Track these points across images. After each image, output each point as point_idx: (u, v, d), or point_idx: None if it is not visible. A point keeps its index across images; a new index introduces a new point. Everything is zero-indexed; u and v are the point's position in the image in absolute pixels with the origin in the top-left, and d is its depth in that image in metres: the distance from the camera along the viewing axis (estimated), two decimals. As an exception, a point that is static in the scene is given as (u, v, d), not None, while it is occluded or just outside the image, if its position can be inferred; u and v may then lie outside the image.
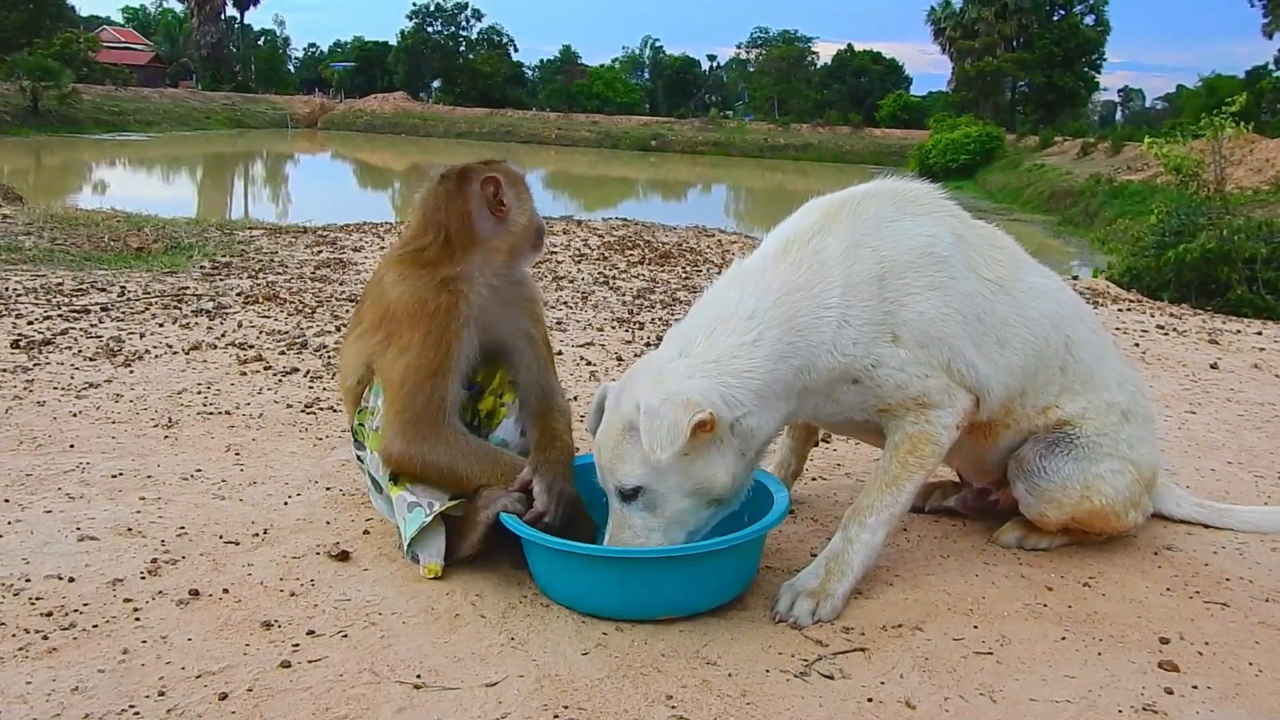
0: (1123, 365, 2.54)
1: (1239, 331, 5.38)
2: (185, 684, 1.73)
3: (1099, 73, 57.20)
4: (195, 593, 2.04)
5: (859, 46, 70.24)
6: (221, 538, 2.31)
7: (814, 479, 2.86)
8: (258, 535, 2.33)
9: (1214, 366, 4.46)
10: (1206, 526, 2.61)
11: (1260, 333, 5.38)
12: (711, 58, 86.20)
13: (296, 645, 1.88)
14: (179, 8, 68.98)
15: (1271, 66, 47.77)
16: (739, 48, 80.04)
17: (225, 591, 2.06)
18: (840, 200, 2.25)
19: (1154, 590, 2.27)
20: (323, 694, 1.72)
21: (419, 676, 1.79)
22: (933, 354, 2.14)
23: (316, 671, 1.79)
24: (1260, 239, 9.07)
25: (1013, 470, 2.39)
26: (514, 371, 2.38)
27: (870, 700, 1.79)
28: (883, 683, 1.85)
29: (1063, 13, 54.33)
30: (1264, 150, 22.49)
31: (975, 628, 2.06)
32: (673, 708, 1.73)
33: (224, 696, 1.70)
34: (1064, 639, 2.03)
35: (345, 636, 1.92)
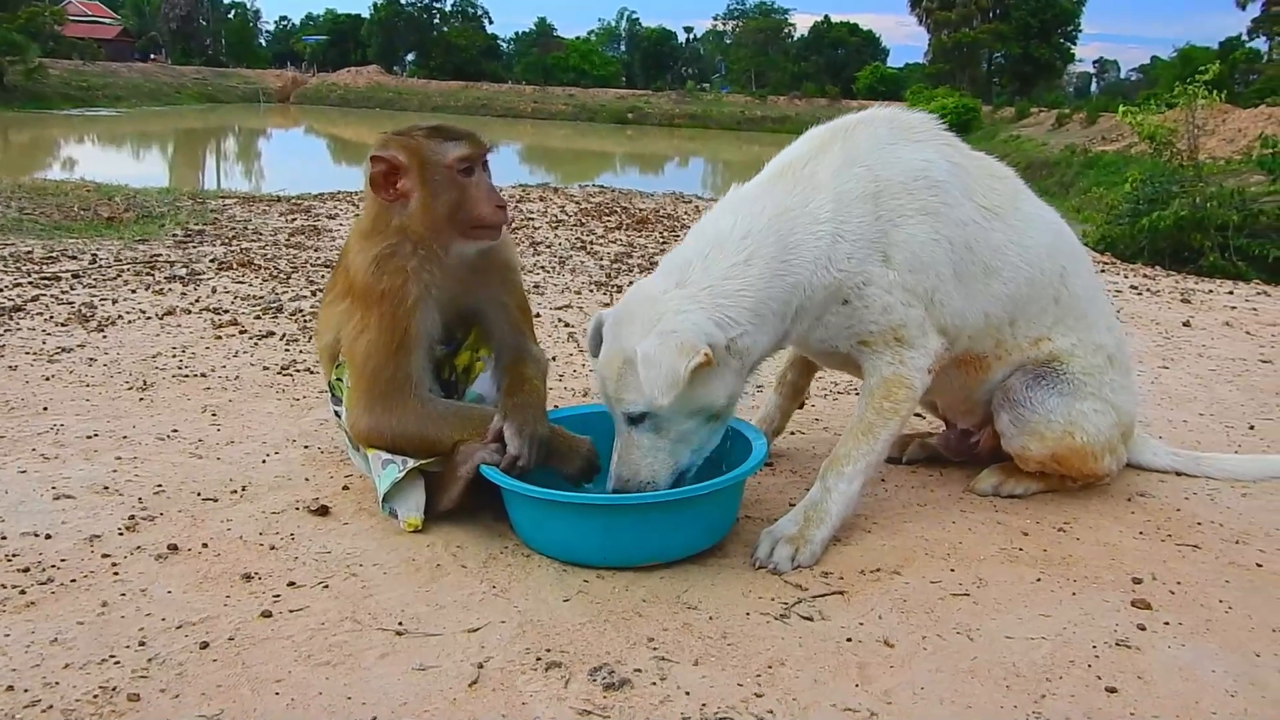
0: (1111, 311, 2.57)
1: (1211, 291, 5.44)
2: (166, 634, 1.73)
3: (1074, 44, 57.47)
4: (174, 547, 2.03)
5: (836, 18, 70.20)
6: (199, 495, 2.30)
7: (793, 433, 2.87)
8: (236, 492, 2.32)
9: (1186, 324, 4.51)
10: (1179, 474, 2.65)
11: (1231, 292, 5.44)
12: (688, 30, 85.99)
13: (277, 596, 1.88)
14: (146, -20, 67.89)
15: (1244, 37, 48.07)
16: (716, 20, 79.72)
17: (204, 546, 2.05)
18: (836, 125, 2.29)
19: (1127, 534, 2.30)
20: (304, 641, 1.72)
21: (401, 624, 1.80)
22: (920, 280, 2.16)
23: (298, 621, 1.79)
24: (1233, 206, 9.15)
25: (998, 401, 2.41)
26: (488, 335, 2.37)
27: (849, 640, 1.81)
28: (861, 623, 1.87)
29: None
30: (1236, 120, 22.62)
31: (952, 571, 2.09)
32: (654, 649, 1.75)
33: (205, 646, 1.69)
34: (1039, 580, 2.06)
35: (326, 587, 1.92)
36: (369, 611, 1.83)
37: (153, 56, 60.91)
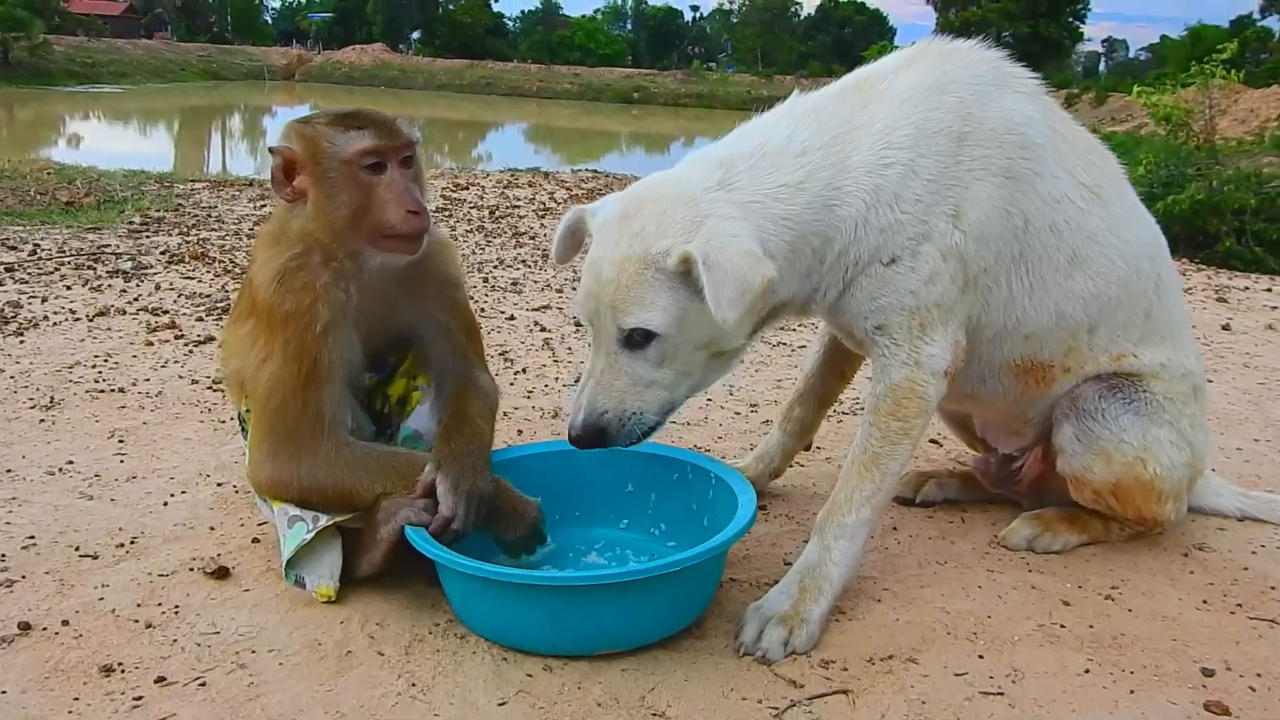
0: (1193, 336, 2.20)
1: (1247, 289, 5.03)
2: (-20, 760, 1.36)
3: (1083, 23, 56.55)
4: (25, 626, 1.66)
5: (844, -3, 69.12)
6: (78, 550, 1.92)
7: (790, 465, 2.48)
8: (123, 545, 1.95)
9: (1226, 328, 4.11)
10: (1242, 520, 2.26)
11: (1270, 289, 5.04)
12: (695, 9, 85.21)
13: (139, 699, 1.50)
14: (152, -44, 67.09)
15: (1256, 15, 47.35)
16: (722, -2, 78.76)
17: (64, 624, 1.68)
18: (925, 45, 1.91)
19: (1188, 604, 1.91)
20: (156, 772, 1.35)
21: (287, 741, 1.42)
22: (980, 254, 1.80)
23: (156, 736, 1.42)
24: (1250, 190, 8.76)
25: (1062, 410, 2.02)
26: (425, 361, 1.99)
27: (854, 765, 1.43)
28: (869, 738, 1.49)
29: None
30: (1248, 100, 22.18)
31: (980, 658, 1.71)
32: (605, 781, 1.37)
33: (25, 778, 1.32)
34: (1087, 671, 1.68)
35: (203, 685, 1.54)
36: (249, 723, 1.46)
37: (158, 34, 60.31)
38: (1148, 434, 1.97)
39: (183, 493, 2.20)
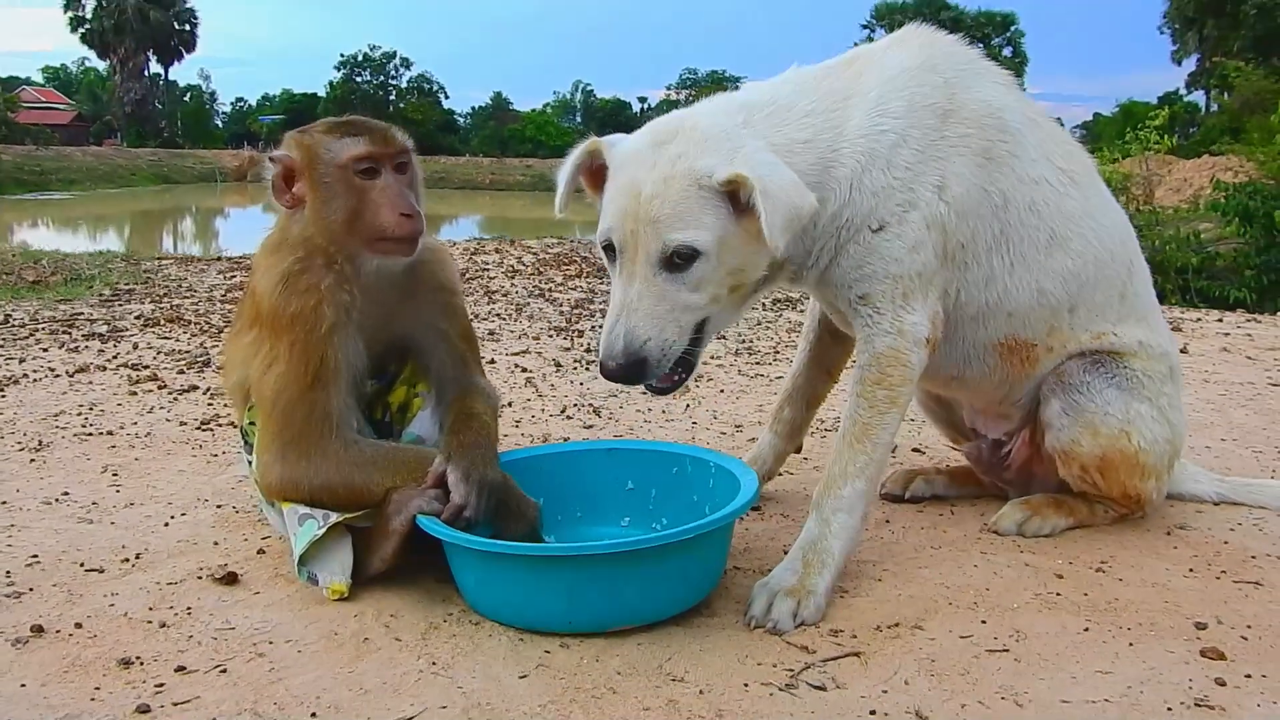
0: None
1: (1199, 320, 5.23)
2: (6, 741, 1.35)
3: (1020, 103, 58.66)
4: (39, 629, 1.66)
5: (787, 84, 71.16)
6: (82, 565, 1.92)
7: (780, 473, 2.54)
8: (128, 560, 1.95)
9: (1184, 351, 4.25)
10: (1219, 503, 2.35)
11: (1220, 320, 5.24)
12: (642, 99, 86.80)
13: (161, 685, 1.50)
14: (101, 66, 67.64)
15: (1183, 91, 49.43)
16: (669, 89, 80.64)
17: (78, 626, 1.68)
18: (917, 29, 2.01)
19: (1175, 572, 1.98)
20: (186, 743, 1.35)
21: (314, 715, 1.43)
22: (959, 228, 1.89)
23: (183, 716, 1.42)
24: (1191, 249, 9.14)
25: (1049, 387, 2.10)
26: (425, 368, 2.04)
27: (873, 713, 1.46)
28: (885, 691, 1.52)
29: (981, 45, 55.67)
30: (1181, 171, 23.02)
31: (983, 623, 1.76)
32: (633, 735, 1.39)
33: (55, 754, 1.32)
34: (1087, 630, 1.73)
35: (224, 672, 1.55)
36: (275, 700, 1.46)
37: (108, 140, 60.45)
38: (1130, 408, 2.05)
39: (182, 515, 2.20)
